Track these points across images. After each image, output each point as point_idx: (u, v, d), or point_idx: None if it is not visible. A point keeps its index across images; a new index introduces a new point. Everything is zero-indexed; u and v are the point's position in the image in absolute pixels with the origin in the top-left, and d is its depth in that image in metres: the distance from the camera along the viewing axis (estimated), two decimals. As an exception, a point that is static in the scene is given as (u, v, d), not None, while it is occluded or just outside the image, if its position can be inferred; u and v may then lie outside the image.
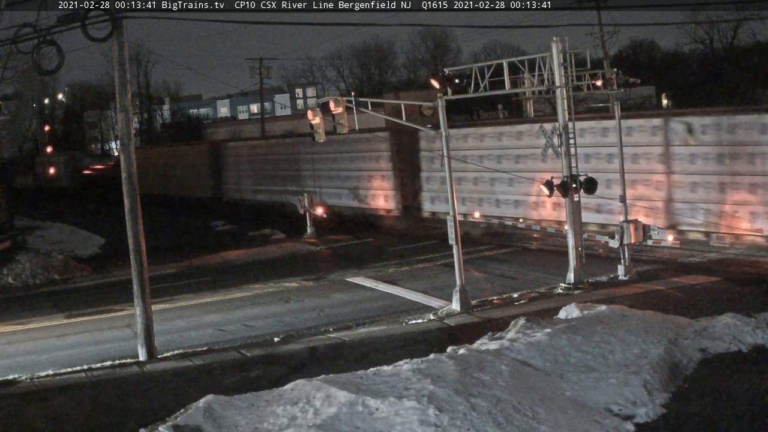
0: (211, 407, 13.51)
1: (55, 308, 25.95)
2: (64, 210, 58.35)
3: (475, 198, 31.88)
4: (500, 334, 16.85)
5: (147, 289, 19.20)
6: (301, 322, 21.77)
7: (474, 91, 23.75)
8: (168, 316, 23.17)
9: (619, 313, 17.53)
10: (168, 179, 58.54)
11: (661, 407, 13.36)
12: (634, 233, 23.01)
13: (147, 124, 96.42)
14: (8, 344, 21.90)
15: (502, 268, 26.53)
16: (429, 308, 22.02)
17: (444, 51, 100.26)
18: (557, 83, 22.56)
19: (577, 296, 21.30)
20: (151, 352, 19.01)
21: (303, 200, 36.85)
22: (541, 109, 52.14)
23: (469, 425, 12.17)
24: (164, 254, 33.38)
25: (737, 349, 15.67)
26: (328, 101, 23.53)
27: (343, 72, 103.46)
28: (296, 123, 71.71)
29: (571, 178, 22.59)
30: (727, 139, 23.76)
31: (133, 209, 19.13)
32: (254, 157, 48.12)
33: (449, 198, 21.88)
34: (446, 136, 21.85)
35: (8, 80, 48.62)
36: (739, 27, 69.64)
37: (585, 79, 23.65)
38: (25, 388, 17.49)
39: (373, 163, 37.14)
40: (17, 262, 31.30)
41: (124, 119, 19.26)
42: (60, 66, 18.73)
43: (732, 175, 23.64)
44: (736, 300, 19.48)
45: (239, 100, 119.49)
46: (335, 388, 13.30)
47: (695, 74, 70.62)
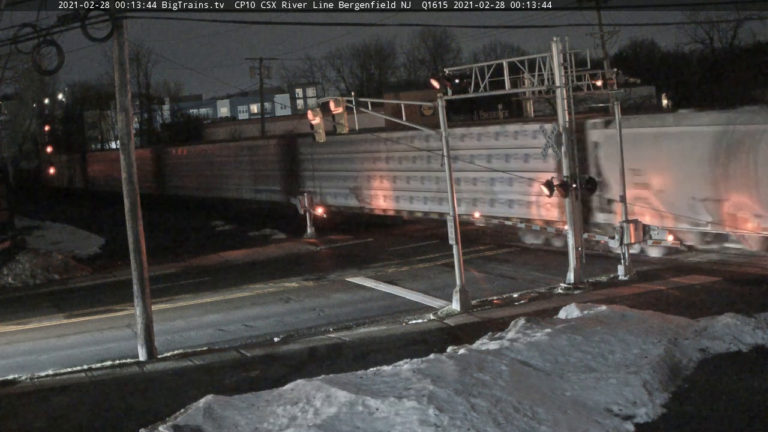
0: (211, 407, 13.50)
1: (55, 308, 25.96)
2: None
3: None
4: (500, 334, 16.85)
5: (147, 289, 19.20)
6: (301, 322, 21.77)
7: (474, 91, 23.76)
8: (168, 316, 23.17)
9: (619, 313, 17.53)
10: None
11: (661, 407, 13.37)
12: (634, 233, 23.00)
13: (147, 124, 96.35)
14: (8, 344, 21.90)
15: (502, 268, 26.53)
16: (429, 308, 22.02)
17: (444, 51, 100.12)
18: (557, 83, 22.56)
19: (577, 296, 21.30)
20: (151, 352, 19.01)
21: (303, 200, 36.86)
22: (541, 109, 52.06)
23: (469, 425, 12.18)
24: (163, 254, 33.42)
25: (737, 349, 15.68)
26: (328, 101, 23.53)
27: (343, 72, 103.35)
28: (296, 123, 71.75)
29: (571, 178, 22.59)
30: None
31: (133, 209, 19.12)
32: (193, 160, 55.41)
33: (449, 198, 21.87)
34: (446, 137, 21.85)
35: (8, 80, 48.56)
36: (739, 27, 69.69)
37: (585, 79, 23.66)
38: (25, 388, 17.49)
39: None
40: (17, 262, 31.31)
41: (124, 119, 19.26)
42: (60, 66, 18.70)
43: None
44: (736, 300, 19.48)
45: (239, 100, 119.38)
46: (335, 388, 13.31)
47: (695, 74, 70.61)
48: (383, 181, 35.05)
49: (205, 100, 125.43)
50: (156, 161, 59.37)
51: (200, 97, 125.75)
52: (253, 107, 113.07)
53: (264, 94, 74.24)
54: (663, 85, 66.65)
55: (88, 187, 73.34)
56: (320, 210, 36.92)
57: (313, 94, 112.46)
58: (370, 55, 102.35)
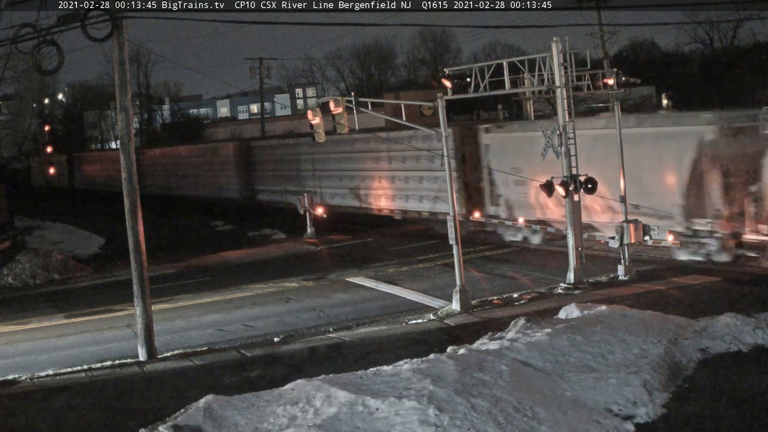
0: (211, 407, 13.50)
1: (55, 308, 25.96)
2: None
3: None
4: (500, 334, 16.85)
5: (147, 289, 19.20)
6: (301, 322, 21.77)
7: (474, 91, 23.78)
8: (168, 316, 23.17)
9: (619, 313, 17.53)
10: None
11: (661, 407, 13.36)
12: (634, 233, 23.01)
13: (147, 124, 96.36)
14: (8, 344, 21.90)
15: (502, 268, 26.53)
16: (429, 308, 22.02)
17: (444, 51, 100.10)
18: (557, 83, 22.56)
19: (577, 296, 21.30)
20: (151, 352, 19.01)
21: (303, 200, 36.86)
22: (541, 109, 52.08)
23: (469, 425, 12.17)
24: (163, 253, 33.42)
25: (737, 349, 15.68)
26: (328, 101, 23.55)
27: (343, 72, 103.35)
28: (296, 123, 71.86)
29: (570, 178, 22.58)
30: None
31: (133, 209, 19.13)
32: (165, 161, 61.59)
33: (449, 198, 21.88)
34: (446, 137, 21.85)
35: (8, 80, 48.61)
36: (739, 27, 69.68)
37: (585, 79, 23.66)
38: (25, 388, 17.49)
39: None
40: (17, 262, 31.29)
41: (124, 119, 19.26)
42: (60, 66, 18.73)
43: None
44: (736, 300, 19.48)
45: (239, 100, 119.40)
46: (335, 388, 13.30)
47: (695, 74, 70.62)
48: (321, 179, 40.20)
49: (205, 100, 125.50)
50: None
51: (200, 97, 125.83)
52: (253, 107, 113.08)
53: (264, 94, 74.28)
54: (663, 85, 66.65)
55: (74, 186, 78.70)
56: (320, 210, 36.95)
57: (313, 94, 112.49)
58: (370, 55, 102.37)
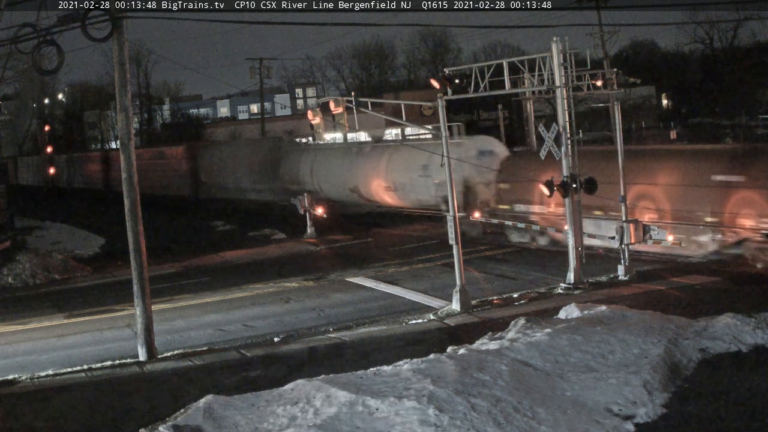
0: (211, 407, 13.51)
1: (55, 308, 25.94)
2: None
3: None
4: (500, 334, 16.85)
5: (147, 289, 19.20)
6: (301, 322, 21.77)
7: (474, 91, 23.79)
8: (168, 316, 23.16)
9: (619, 313, 17.53)
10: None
11: (661, 407, 13.36)
12: (635, 233, 23.00)
13: (147, 124, 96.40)
14: (8, 344, 21.89)
15: (502, 268, 26.53)
16: (429, 308, 22.01)
17: (444, 51, 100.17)
18: (557, 83, 22.56)
19: (577, 296, 21.30)
20: (151, 352, 19.01)
21: (303, 200, 36.84)
22: (541, 109, 52.12)
23: (469, 425, 12.18)
24: (162, 253, 33.42)
25: (737, 349, 15.67)
26: (329, 101, 23.58)
27: (343, 72, 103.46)
28: (296, 123, 71.93)
29: (571, 178, 22.58)
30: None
31: (133, 209, 19.12)
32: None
33: (449, 198, 21.88)
34: (446, 137, 21.85)
35: (8, 80, 48.67)
36: (739, 27, 69.67)
37: (585, 79, 23.68)
38: (25, 388, 17.49)
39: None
40: (17, 262, 31.28)
41: (124, 119, 19.26)
42: (60, 66, 18.72)
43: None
44: (736, 300, 19.48)
45: (239, 100, 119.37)
46: (335, 388, 13.30)
47: (695, 74, 70.64)
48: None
49: (205, 100, 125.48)
50: (105, 163, 70.15)
51: (200, 97, 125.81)
52: (253, 107, 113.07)
53: (264, 94, 74.29)
54: (663, 85, 66.71)
55: (50, 185, 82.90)
56: (320, 210, 36.93)
57: (313, 94, 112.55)
58: (370, 55, 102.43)
